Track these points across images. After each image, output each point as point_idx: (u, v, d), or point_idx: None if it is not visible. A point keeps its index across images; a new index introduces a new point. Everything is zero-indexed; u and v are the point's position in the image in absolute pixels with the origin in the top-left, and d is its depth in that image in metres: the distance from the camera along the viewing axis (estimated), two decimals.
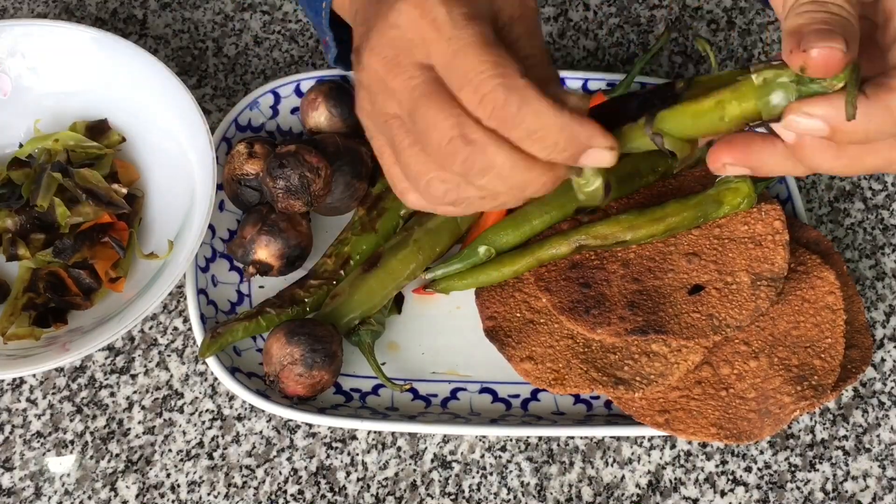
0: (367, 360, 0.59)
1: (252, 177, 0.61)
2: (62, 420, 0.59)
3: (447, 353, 0.61)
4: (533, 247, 0.60)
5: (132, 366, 0.61)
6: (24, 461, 0.58)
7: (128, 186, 0.62)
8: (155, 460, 0.58)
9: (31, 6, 0.73)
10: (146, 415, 0.60)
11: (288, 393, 0.57)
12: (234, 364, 0.58)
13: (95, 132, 0.64)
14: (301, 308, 0.60)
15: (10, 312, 0.58)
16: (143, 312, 0.55)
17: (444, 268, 0.61)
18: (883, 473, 0.60)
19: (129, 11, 0.73)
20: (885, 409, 0.61)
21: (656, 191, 0.63)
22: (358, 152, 0.62)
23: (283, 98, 0.66)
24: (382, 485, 0.58)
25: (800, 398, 0.54)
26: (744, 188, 0.59)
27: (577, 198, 0.44)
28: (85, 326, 0.58)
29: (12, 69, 0.64)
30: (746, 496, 0.59)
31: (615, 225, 0.59)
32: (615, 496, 0.58)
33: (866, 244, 0.67)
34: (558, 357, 0.57)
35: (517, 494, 0.58)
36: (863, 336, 0.58)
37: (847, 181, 0.69)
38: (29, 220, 0.60)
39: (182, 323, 0.62)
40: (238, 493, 0.58)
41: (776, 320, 0.57)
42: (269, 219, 0.59)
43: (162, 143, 0.64)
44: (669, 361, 0.56)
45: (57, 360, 0.54)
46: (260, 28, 0.73)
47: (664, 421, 0.55)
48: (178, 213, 0.61)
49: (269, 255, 0.59)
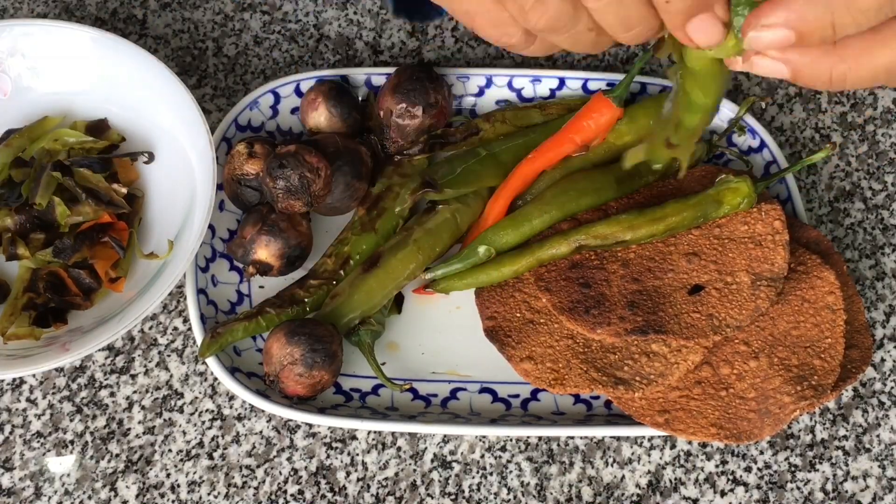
0: (367, 360, 0.59)
1: (252, 177, 0.61)
2: (62, 420, 0.59)
3: (447, 353, 0.61)
4: (533, 247, 0.60)
5: (132, 366, 0.61)
6: (24, 461, 0.58)
7: (128, 186, 0.62)
8: (155, 460, 0.58)
9: (31, 6, 0.73)
10: (146, 415, 0.60)
11: (288, 393, 0.57)
12: (234, 364, 0.58)
13: (95, 132, 0.64)
14: (301, 308, 0.60)
15: (10, 312, 0.58)
16: (143, 312, 0.55)
17: (444, 268, 0.61)
18: (883, 473, 0.60)
19: (129, 11, 0.73)
20: (885, 409, 0.61)
21: (656, 191, 0.63)
22: (358, 152, 0.62)
23: (283, 98, 0.66)
24: (382, 485, 0.58)
25: (800, 398, 0.54)
26: (744, 188, 0.59)
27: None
28: (85, 326, 0.58)
29: (12, 69, 0.64)
30: (746, 496, 0.59)
31: (615, 225, 0.59)
32: (615, 496, 0.58)
33: (866, 244, 0.67)
34: (558, 357, 0.57)
35: (517, 494, 0.58)
36: (863, 336, 0.58)
37: (847, 181, 0.69)
38: (29, 219, 0.60)
39: (182, 323, 0.62)
40: (238, 493, 0.58)
41: (776, 320, 0.57)
42: (269, 219, 0.59)
43: (162, 143, 0.64)
44: (669, 361, 0.56)
45: (57, 360, 0.54)
46: (260, 28, 0.73)
47: (664, 421, 0.55)
48: (178, 213, 0.61)
49: (270, 254, 0.59)
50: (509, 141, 0.64)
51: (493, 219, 0.62)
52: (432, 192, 0.61)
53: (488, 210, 0.63)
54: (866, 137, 0.71)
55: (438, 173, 0.62)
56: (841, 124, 0.71)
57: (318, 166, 0.58)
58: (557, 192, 0.62)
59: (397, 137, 0.64)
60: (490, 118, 0.65)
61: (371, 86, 0.67)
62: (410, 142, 0.64)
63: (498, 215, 0.62)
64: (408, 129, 0.63)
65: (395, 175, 0.63)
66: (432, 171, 0.62)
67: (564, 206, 0.61)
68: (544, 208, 0.61)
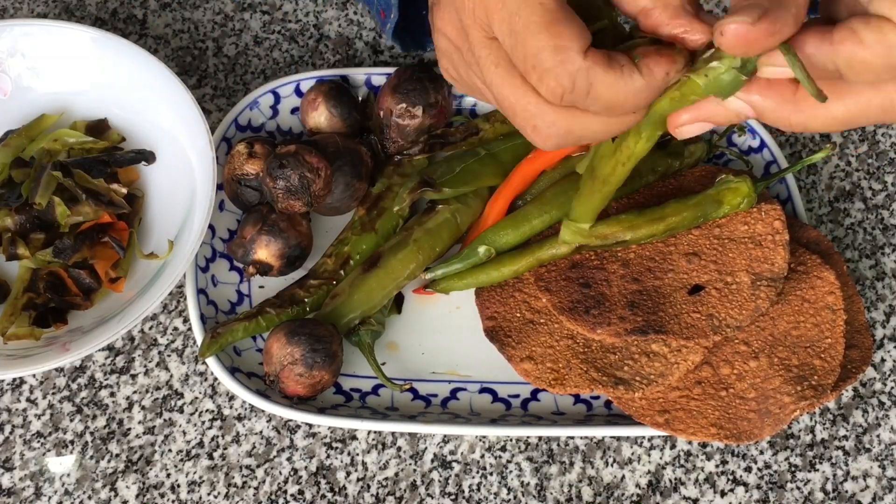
0: (367, 360, 0.59)
1: (252, 177, 0.61)
2: (62, 420, 0.59)
3: (447, 353, 0.61)
4: (533, 246, 0.60)
5: (132, 366, 0.61)
6: (24, 461, 0.58)
7: (128, 186, 0.62)
8: (155, 460, 0.58)
9: (31, 6, 0.73)
10: (146, 415, 0.60)
11: (288, 393, 0.57)
12: (234, 364, 0.58)
13: (95, 132, 0.64)
14: (301, 308, 0.60)
15: (10, 312, 0.58)
16: (143, 312, 0.55)
17: (444, 268, 0.61)
18: (883, 473, 0.60)
19: (129, 11, 0.73)
20: (885, 409, 0.61)
21: (656, 191, 0.63)
22: (358, 152, 0.62)
23: (283, 98, 0.66)
24: (382, 485, 0.58)
25: (800, 398, 0.54)
26: (743, 188, 0.59)
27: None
28: (85, 326, 0.58)
29: (12, 69, 0.64)
30: (746, 496, 0.59)
31: (615, 225, 0.59)
32: (615, 496, 0.58)
33: (866, 244, 0.67)
34: (558, 357, 0.57)
35: (517, 494, 0.58)
36: (863, 336, 0.58)
37: (847, 181, 0.69)
38: (29, 219, 0.60)
39: (182, 323, 0.62)
40: (238, 493, 0.58)
41: (776, 320, 0.57)
42: (269, 219, 0.59)
43: (162, 143, 0.64)
44: (669, 361, 0.56)
45: (57, 360, 0.54)
46: (260, 28, 0.73)
47: (664, 421, 0.55)
48: (178, 213, 0.61)
49: (270, 255, 0.59)
50: (509, 141, 0.64)
51: (492, 219, 0.62)
52: (431, 191, 0.61)
53: (488, 210, 0.63)
54: (866, 137, 0.71)
55: (437, 172, 0.62)
56: None
57: (319, 166, 0.58)
58: (557, 191, 0.62)
59: (397, 137, 0.64)
60: (490, 118, 0.65)
61: (371, 86, 0.67)
62: (410, 142, 0.64)
63: (498, 215, 0.62)
64: (408, 129, 0.63)
65: (395, 175, 0.63)
66: (431, 171, 0.62)
67: (564, 206, 0.61)
68: (544, 208, 0.61)
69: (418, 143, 0.63)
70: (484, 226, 0.62)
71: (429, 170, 0.63)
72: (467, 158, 0.63)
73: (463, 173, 0.62)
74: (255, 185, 0.61)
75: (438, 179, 0.62)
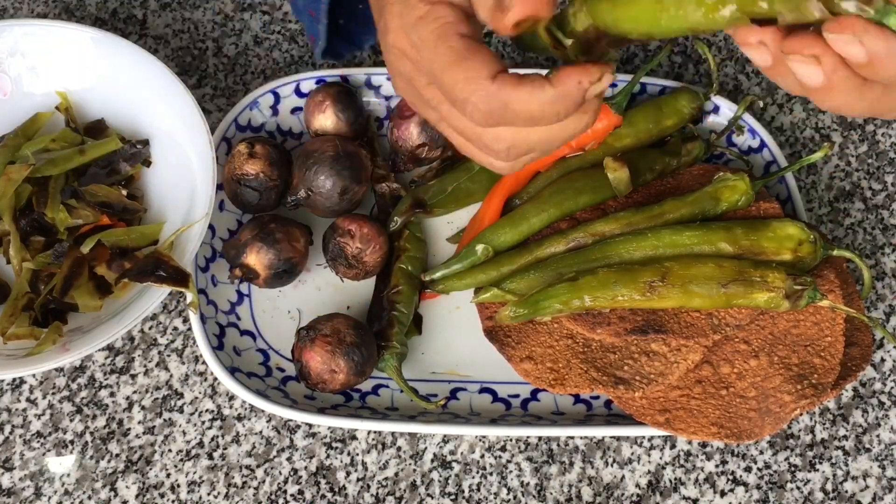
0: (397, 382, 0.58)
1: (252, 177, 0.61)
2: (62, 420, 0.59)
3: (447, 353, 0.61)
4: (531, 246, 0.60)
5: (132, 366, 0.61)
6: (24, 461, 0.58)
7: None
8: (155, 460, 0.58)
9: (31, 6, 0.73)
10: (146, 415, 0.60)
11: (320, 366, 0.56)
12: (234, 364, 0.58)
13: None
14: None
15: (10, 312, 0.58)
16: (143, 312, 0.55)
17: (443, 268, 0.61)
18: (883, 473, 0.60)
19: (129, 11, 0.73)
20: (885, 409, 0.61)
21: (654, 189, 0.63)
22: (358, 156, 0.62)
23: (283, 98, 0.66)
24: (382, 485, 0.58)
25: (800, 397, 0.54)
26: (741, 185, 0.59)
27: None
28: (85, 326, 0.58)
29: (12, 69, 0.64)
30: (746, 496, 0.59)
31: (613, 223, 0.59)
32: (615, 496, 0.58)
33: (866, 244, 0.67)
34: (558, 357, 0.57)
35: (517, 494, 0.58)
36: (863, 333, 0.58)
37: (847, 181, 0.69)
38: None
39: (182, 323, 0.62)
40: (238, 493, 0.58)
41: (776, 319, 0.57)
42: (267, 227, 0.59)
43: (162, 143, 0.64)
44: (669, 361, 0.56)
45: (57, 360, 0.54)
46: (260, 28, 0.73)
47: (664, 420, 0.55)
48: (178, 213, 0.61)
49: (258, 262, 0.59)
50: None
51: (489, 219, 0.62)
52: (422, 213, 0.62)
53: (483, 211, 0.63)
54: (866, 137, 0.71)
55: (429, 193, 0.63)
56: (841, 124, 0.71)
57: (371, 240, 0.60)
58: (555, 191, 0.62)
59: (409, 163, 0.64)
60: None
61: (371, 86, 0.67)
62: (421, 166, 0.65)
63: (494, 215, 0.62)
64: (425, 160, 0.64)
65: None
66: (423, 191, 0.63)
67: (562, 204, 0.61)
68: (542, 207, 0.61)
69: (431, 169, 0.65)
70: (481, 226, 0.62)
71: (420, 190, 0.63)
72: (460, 176, 0.63)
73: (455, 192, 0.63)
74: (255, 185, 0.61)
75: (431, 200, 0.63)
